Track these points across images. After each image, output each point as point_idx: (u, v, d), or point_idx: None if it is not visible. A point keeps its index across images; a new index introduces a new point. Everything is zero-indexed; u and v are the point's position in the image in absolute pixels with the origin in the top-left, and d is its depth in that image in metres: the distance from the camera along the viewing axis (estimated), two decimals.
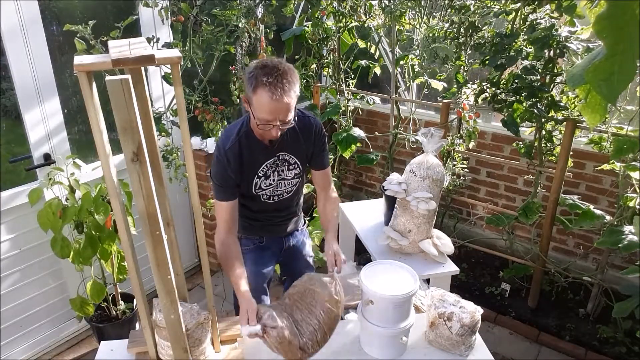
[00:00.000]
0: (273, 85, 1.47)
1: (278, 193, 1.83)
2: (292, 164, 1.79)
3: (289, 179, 1.81)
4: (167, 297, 1.16)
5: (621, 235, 2.13)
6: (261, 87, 1.48)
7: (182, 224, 3.14)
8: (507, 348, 2.67)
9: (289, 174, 1.80)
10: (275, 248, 2.02)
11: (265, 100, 1.49)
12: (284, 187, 1.83)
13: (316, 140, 1.80)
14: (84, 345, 2.66)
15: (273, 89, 1.47)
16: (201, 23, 2.44)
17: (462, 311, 1.46)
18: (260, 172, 1.74)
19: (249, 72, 1.52)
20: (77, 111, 2.48)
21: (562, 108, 2.44)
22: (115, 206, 1.12)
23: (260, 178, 1.75)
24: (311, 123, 1.78)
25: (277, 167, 1.76)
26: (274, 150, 1.73)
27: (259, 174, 1.74)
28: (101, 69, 0.97)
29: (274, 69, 1.49)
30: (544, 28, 2.30)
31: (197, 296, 3.02)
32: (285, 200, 1.87)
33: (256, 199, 1.80)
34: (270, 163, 1.74)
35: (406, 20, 2.93)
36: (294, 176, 1.82)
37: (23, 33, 2.12)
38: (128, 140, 0.95)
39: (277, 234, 2.00)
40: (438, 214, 2.39)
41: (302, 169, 1.83)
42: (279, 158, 1.75)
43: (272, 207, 1.87)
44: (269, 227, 1.95)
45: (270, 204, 1.84)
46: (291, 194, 1.87)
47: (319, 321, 1.42)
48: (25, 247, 2.38)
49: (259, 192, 1.78)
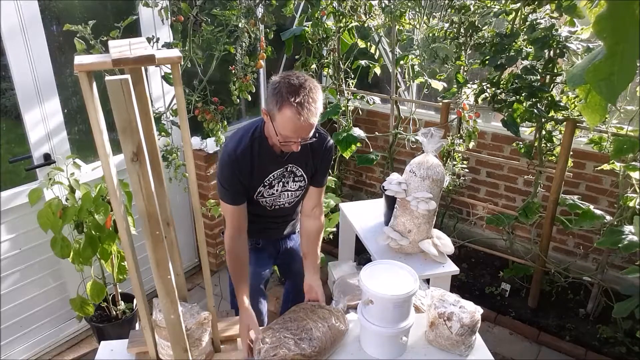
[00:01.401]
0: (300, 106, 1.43)
1: (279, 203, 1.81)
2: (299, 176, 1.77)
3: (292, 191, 1.79)
4: (167, 297, 1.16)
5: (621, 235, 2.13)
6: (287, 106, 1.44)
7: (182, 224, 3.14)
8: (507, 348, 2.67)
9: (293, 185, 1.78)
10: (272, 250, 2.01)
11: (290, 120, 1.45)
12: (286, 198, 1.81)
13: (324, 158, 1.78)
14: (84, 345, 2.66)
15: (300, 109, 1.43)
16: (201, 23, 2.44)
17: (462, 311, 1.46)
18: (267, 181, 1.71)
19: (273, 87, 1.49)
20: (77, 111, 2.48)
21: (562, 108, 2.44)
22: (115, 206, 1.12)
23: (265, 187, 1.73)
24: (324, 140, 1.75)
25: (283, 177, 1.74)
26: (284, 161, 1.70)
27: (264, 183, 1.71)
28: (101, 69, 0.97)
29: (301, 88, 1.45)
30: (544, 28, 2.30)
31: (197, 296, 3.02)
32: (285, 209, 1.86)
33: (255, 205, 1.78)
34: (278, 173, 1.72)
35: (406, 20, 2.93)
36: (298, 188, 1.80)
37: (23, 33, 2.12)
38: (128, 141, 0.95)
39: (273, 237, 2.00)
40: (438, 214, 2.39)
41: (307, 183, 1.81)
42: (287, 170, 1.73)
43: (270, 214, 1.85)
44: (265, 231, 1.94)
45: (269, 211, 1.83)
46: (292, 205, 1.86)
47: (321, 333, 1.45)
48: (25, 247, 2.38)
49: (260, 199, 1.76)
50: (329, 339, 1.47)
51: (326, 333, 1.47)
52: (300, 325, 1.49)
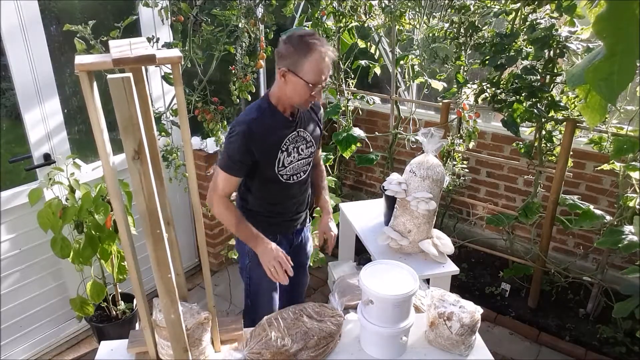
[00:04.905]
0: (322, 46, 1.62)
1: (297, 173, 1.87)
2: (309, 141, 1.87)
3: (305, 157, 1.87)
4: (167, 297, 1.15)
5: (621, 235, 2.13)
6: (315, 50, 1.60)
7: (182, 224, 3.14)
8: (507, 348, 2.67)
9: (306, 152, 1.86)
10: (286, 245, 2.05)
11: (319, 62, 1.61)
12: (302, 166, 1.88)
13: (320, 119, 1.93)
14: (84, 345, 2.66)
15: (323, 49, 1.62)
16: (201, 23, 2.44)
17: (462, 311, 1.46)
18: (284, 146, 1.77)
19: (291, 44, 1.62)
20: (77, 111, 2.48)
21: (562, 108, 2.44)
22: (115, 206, 1.12)
23: (283, 153, 1.78)
24: (319, 104, 1.93)
25: (296, 142, 1.82)
26: (295, 125, 1.80)
27: (282, 148, 1.77)
28: (102, 69, 0.97)
29: (314, 35, 1.64)
30: (544, 28, 2.30)
31: (197, 296, 3.02)
32: (302, 182, 1.92)
33: (277, 182, 1.82)
34: (292, 137, 1.79)
35: (406, 20, 2.93)
36: (310, 154, 1.89)
37: (23, 33, 2.12)
38: (129, 138, 0.95)
39: (289, 231, 2.03)
40: (438, 214, 2.39)
41: (315, 148, 1.91)
42: (299, 134, 1.82)
43: (291, 193, 1.91)
44: (284, 224, 1.98)
45: (291, 186, 1.87)
46: (306, 175, 1.92)
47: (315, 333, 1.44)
48: (25, 247, 2.38)
49: (281, 170, 1.80)
50: (319, 338, 1.45)
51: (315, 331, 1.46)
52: (290, 324, 1.48)
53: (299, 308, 1.53)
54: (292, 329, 1.44)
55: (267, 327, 1.44)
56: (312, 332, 1.43)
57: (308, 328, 1.44)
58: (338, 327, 1.49)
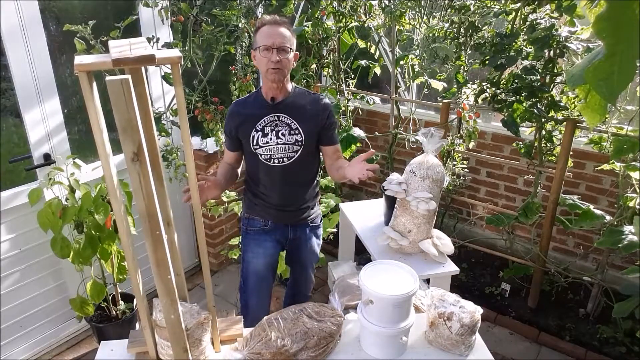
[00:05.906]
0: (270, 19, 1.81)
1: (278, 156, 1.90)
2: (294, 129, 1.90)
3: (289, 144, 1.90)
4: (167, 297, 1.15)
5: (621, 235, 2.13)
6: (261, 24, 1.81)
7: (182, 224, 3.14)
8: (507, 348, 2.67)
9: (290, 138, 1.90)
10: (280, 236, 2.06)
11: (264, 29, 1.79)
12: (284, 152, 1.90)
13: (323, 113, 1.94)
14: (84, 345, 2.66)
15: (269, 20, 1.81)
16: (201, 23, 2.44)
17: (462, 311, 1.46)
18: (258, 125, 1.89)
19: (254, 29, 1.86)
20: (77, 111, 2.48)
21: (562, 108, 2.44)
22: (115, 206, 1.12)
23: (257, 132, 1.89)
24: (319, 98, 1.96)
25: (276, 127, 1.89)
26: (274, 108, 1.89)
27: (256, 128, 1.89)
28: (102, 69, 0.97)
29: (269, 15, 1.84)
30: (544, 28, 2.30)
31: (197, 296, 3.02)
32: (289, 170, 1.92)
33: (257, 159, 1.92)
34: (268, 119, 1.89)
35: (406, 20, 2.93)
36: (295, 142, 1.90)
37: (23, 33, 2.12)
38: (128, 140, 0.95)
39: (280, 221, 2.03)
40: (438, 214, 2.39)
41: (306, 139, 1.91)
42: (279, 119, 1.89)
43: (274, 178, 1.95)
44: (269, 210, 2.01)
45: (272, 168, 1.92)
46: (293, 161, 1.92)
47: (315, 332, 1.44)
48: (25, 247, 2.38)
49: (257, 149, 1.90)
50: (319, 338, 1.45)
51: (315, 331, 1.45)
52: (290, 324, 1.48)
53: (299, 308, 1.53)
54: (292, 329, 1.44)
55: (267, 327, 1.44)
56: (312, 332, 1.43)
57: (308, 328, 1.44)
58: (338, 327, 1.49)
